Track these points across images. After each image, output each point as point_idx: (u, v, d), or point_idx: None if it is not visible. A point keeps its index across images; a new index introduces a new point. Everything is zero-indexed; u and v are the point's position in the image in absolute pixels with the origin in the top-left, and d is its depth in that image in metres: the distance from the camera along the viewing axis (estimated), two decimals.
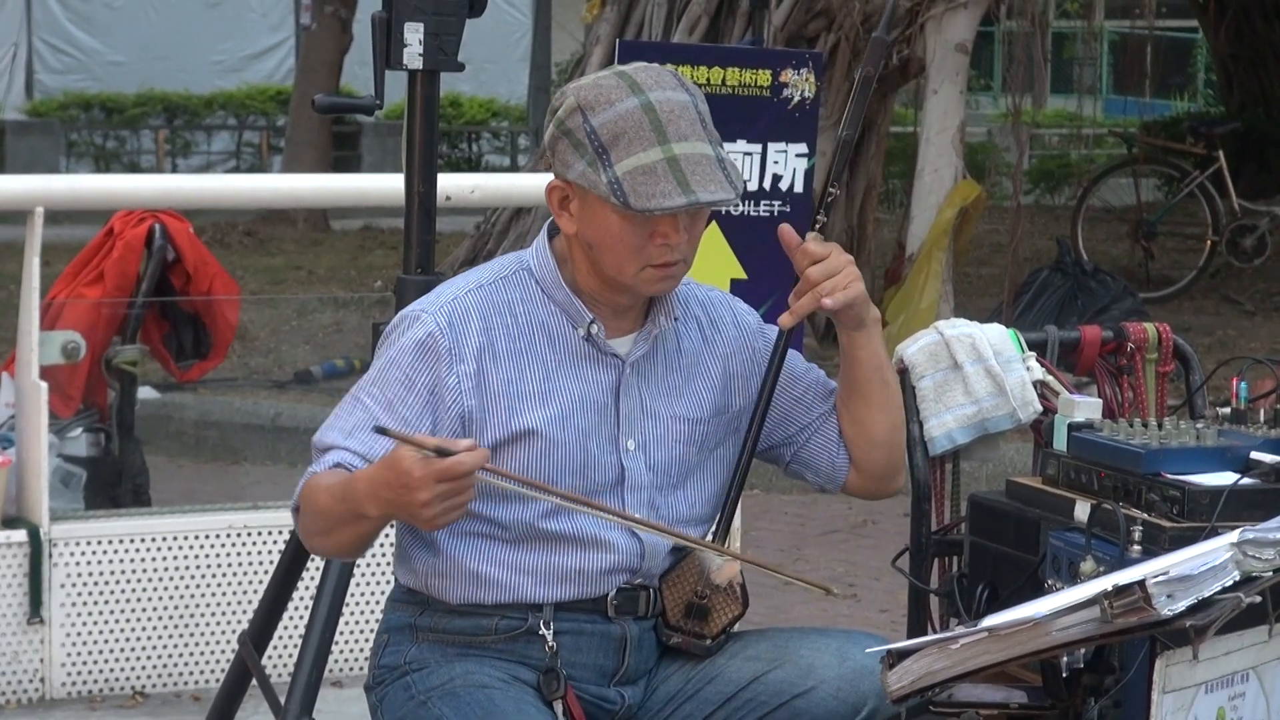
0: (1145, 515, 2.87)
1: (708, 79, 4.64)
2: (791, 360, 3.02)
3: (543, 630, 2.87)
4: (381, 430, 2.64)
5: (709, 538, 2.97)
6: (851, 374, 2.96)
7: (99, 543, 5.03)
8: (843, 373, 2.98)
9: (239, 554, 5.13)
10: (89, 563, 5.02)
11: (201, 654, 5.12)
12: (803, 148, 4.82)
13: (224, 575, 5.13)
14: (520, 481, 2.78)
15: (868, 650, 2.86)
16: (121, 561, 5.05)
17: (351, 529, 2.75)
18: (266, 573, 4.87)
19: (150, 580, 5.08)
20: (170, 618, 5.10)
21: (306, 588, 3.92)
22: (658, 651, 2.97)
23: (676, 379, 2.94)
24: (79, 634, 5.02)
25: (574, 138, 2.79)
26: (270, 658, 4.17)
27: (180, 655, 5.11)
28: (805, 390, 3.01)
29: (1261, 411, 3.18)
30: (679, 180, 2.76)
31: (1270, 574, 2.47)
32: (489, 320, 2.85)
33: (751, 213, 4.73)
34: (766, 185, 4.71)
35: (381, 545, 5.12)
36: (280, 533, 5.08)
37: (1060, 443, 3.14)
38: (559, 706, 2.86)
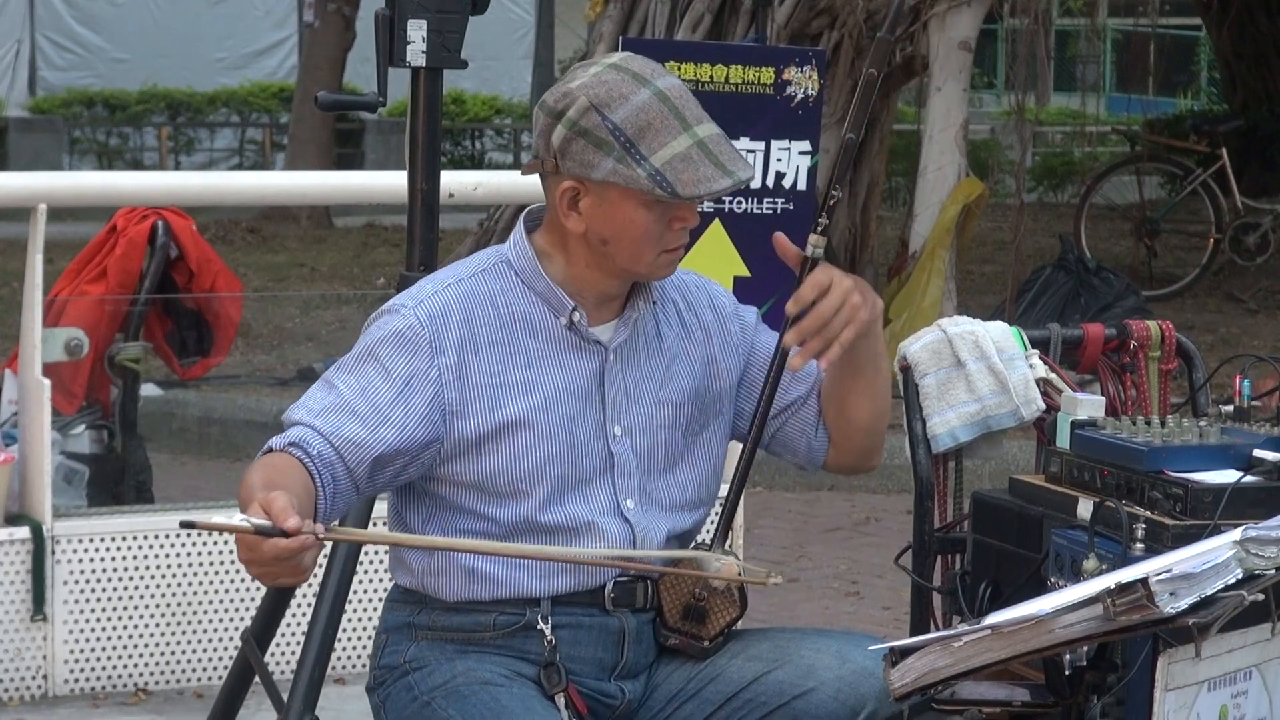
0: (1148, 513, 2.87)
1: (711, 76, 4.64)
2: (772, 345, 3.01)
3: (540, 625, 2.88)
4: (188, 525, 2.52)
5: (708, 534, 2.96)
6: (848, 359, 2.95)
7: (102, 540, 5.04)
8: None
9: None
10: (92, 560, 5.03)
11: (204, 651, 5.13)
12: (806, 145, 4.83)
13: (227, 572, 5.13)
14: (384, 539, 2.82)
15: (869, 649, 2.86)
16: (124, 558, 5.06)
17: None
18: None
19: (153, 577, 5.09)
20: (173, 615, 5.10)
21: (309, 585, 3.90)
22: (657, 647, 2.97)
23: (658, 364, 2.95)
24: (82, 631, 5.02)
25: (594, 136, 2.79)
26: (273, 655, 4.17)
27: (183, 652, 5.12)
28: (784, 375, 3.01)
29: (1264, 409, 3.19)
30: (715, 163, 2.79)
31: (1273, 572, 2.47)
32: (470, 313, 2.86)
33: (755, 210, 4.73)
34: (770, 183, 4.72)
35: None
36: None
37: (1063, 440, 3.14)
38: (561, 700, 2.86)
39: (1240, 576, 2.45)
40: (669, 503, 2.95)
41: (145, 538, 5.08)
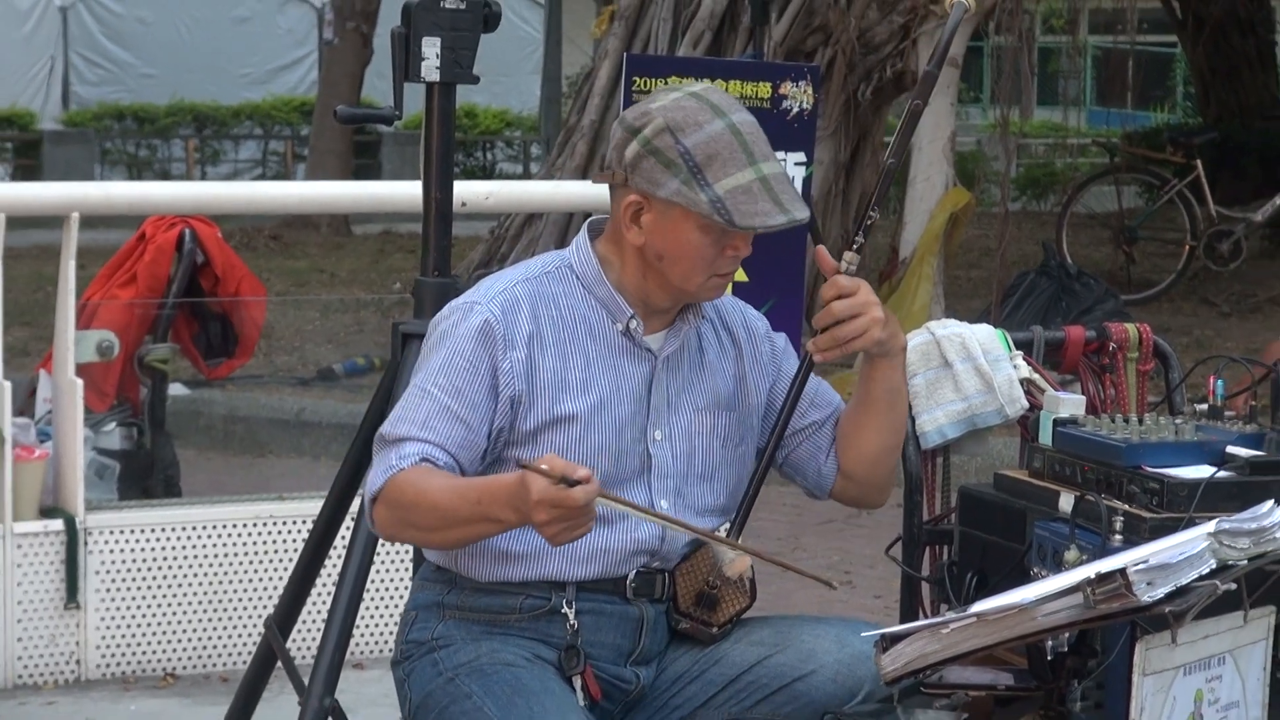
0: (1126, 506, 2.89)
1: None
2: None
3: (565, 609, 2.93)
4: (522, 465, 2.65)
5: (725, 531, 3.03)
6: (864, 389, 3.04)
7: (132, 532, 5.10)
8: (859, 384, 3.06)
9: (265, 542, 5.20)
10: (122, 550, 5.09)
11: (230, 637, 5.19)
12: (801, 156, 4.91)
13: (251, 562, 5.20)
14: (632, 507, 2.83)
15: (864, 635, 2.94)
16: (153, 549, 5.12)
17: (477, 529, 2.79)
18: (291, 560, 4.96)
19: (181, 567, 5.14)
20: (200, 603, 5.16)
21: (329, 574, 3.92)
22: (670, 635, 3.04)
23: (699, 376, 3.02)
24: (113, 618, 5.09)
25: (664, 157, 2.86)
26: (294, 641, 4.21)
27: (209, 638, 5.17)
28: (803, 398, 3.08)
29: (1235, 408, 3.22)
30: (774, 200, 2.85)
31: (1245, 562, 2.52)
32: (536, 310, 2.93)
33: None
34: None
35: None
36: (304, 521, 5.10)
37: (1046, 437, 3.16)
38: (578, 681, 2.92)
39: (1214, 567, 2.50)
40: (700, 507, 3.01)
41: (173, 530, 5.14)
